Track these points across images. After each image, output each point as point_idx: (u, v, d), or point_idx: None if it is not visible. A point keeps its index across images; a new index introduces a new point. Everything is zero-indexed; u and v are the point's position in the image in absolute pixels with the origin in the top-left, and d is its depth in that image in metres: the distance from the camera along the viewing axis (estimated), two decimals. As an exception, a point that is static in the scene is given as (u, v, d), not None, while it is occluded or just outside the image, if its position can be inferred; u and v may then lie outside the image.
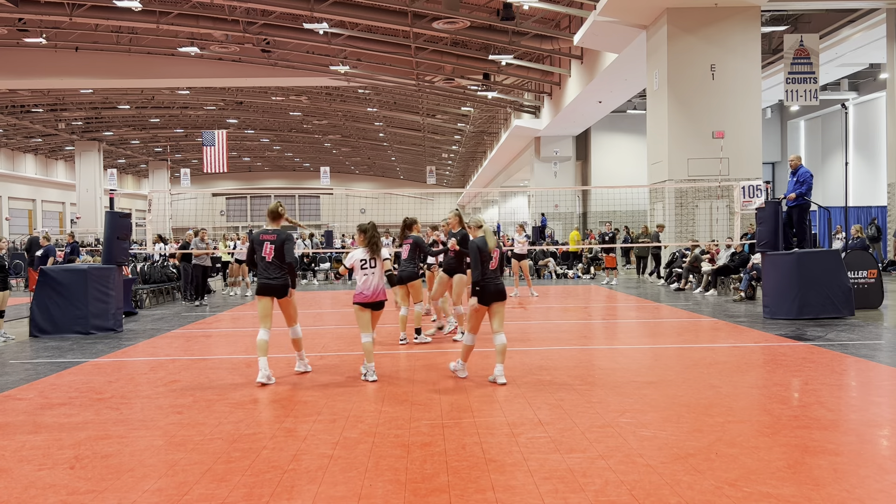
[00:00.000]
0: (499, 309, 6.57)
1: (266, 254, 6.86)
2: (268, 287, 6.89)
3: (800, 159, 12.17)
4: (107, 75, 28.53)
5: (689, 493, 3.79)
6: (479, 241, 6.55)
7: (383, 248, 7.12)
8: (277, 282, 6.88)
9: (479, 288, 6.46)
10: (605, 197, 32.69)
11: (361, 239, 6.91)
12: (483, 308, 6.52)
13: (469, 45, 25.30)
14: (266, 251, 6.87)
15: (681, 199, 17.81)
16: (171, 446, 4.81)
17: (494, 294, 6.49)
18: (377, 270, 6.83)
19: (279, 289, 6.91)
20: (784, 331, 9.53)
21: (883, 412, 5.38)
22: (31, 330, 10.38)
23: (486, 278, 6.47)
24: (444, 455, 4.50)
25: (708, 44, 17.22)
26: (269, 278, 6.87)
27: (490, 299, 6.48)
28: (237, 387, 6.67)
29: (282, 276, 6.89)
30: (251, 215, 68.46)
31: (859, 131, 28.19)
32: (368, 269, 6.80)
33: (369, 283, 6.78)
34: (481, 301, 6.46)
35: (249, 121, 45.63)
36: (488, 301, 6.48)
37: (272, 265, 6.88)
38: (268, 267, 6.88)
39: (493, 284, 6.50)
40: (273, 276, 6.87)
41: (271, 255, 6.86)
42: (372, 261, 6.83)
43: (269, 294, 6.91)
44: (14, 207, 48.81)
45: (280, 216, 7.12)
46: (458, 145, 48.53)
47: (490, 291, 6.47)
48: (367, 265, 6.81)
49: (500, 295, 6.53)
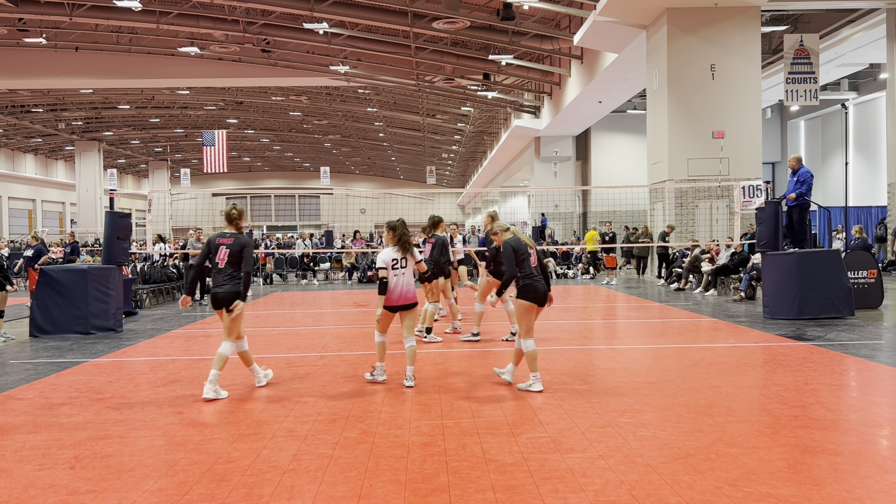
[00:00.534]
0: (540, 310, 6.29)
1: (220, 259, 6.27)
2: (216, 298, 6.29)
3: (800, 160, 12.17)
4: (107, 75, 28.53)
5: (689, 493, 3.79)
6: (513, 240, 6.27)
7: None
8: (224, 289, 6.24)
9: (525, 287, 6.16)
10: (605, 197, 32.68)
11: (390, 237, 6.53)
12: (534, 307, 6.20)
13: (469, 45, 25.30)
14: (220, 256, 6.28)
15: (681, 199, 17.81)
16: (171, 446, 4.81)
17: (543, 294, 6.20)
18: (407, 271, 6.50)
19: (228, 297, 6.24)
20: (784, 331, 9.53)
21: (883, 412, 5.38)
22: (31, 330, 10.38)
23: (531, 277, 6.17)
24: (444, 455, 4.50)
25: (708, 44, 17.23)
26: (218, 285, 6.27)
27: (542, 300, 6.19)
28: (237, 387, 6.66)
29: (231, 284, 6.24)
30: (251, 215, 68.44)
31: (859, 131, 28.19)
32: (399, 270, 6.44)
33: (399, 284, 6.43)
34: (534, 301, 6.16)
35: (249, 121, 45.63)
36: (541, 301, 6.20)
37: (223, 272, 6.27)
38: (219, 273, 6.28)
39: (542, 284, 6.22)
40: (221, 283, 6.25)
41: (225, 260, 6.27)
42: (403, 260, 6.47)
43: (220, 306, 6.31)
44: (14, 207, 48.82)
45: (233, 219, 6.48)
46: (458, 145, 48.53)
47: (539, 291, 6.18)
48: (399, 265, 6.45)
49: (546, 295, 6.25)
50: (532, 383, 6.22)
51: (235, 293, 6.23)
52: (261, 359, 8.23)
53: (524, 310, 6.18)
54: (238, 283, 6.25)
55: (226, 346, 6.30)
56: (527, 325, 6.21)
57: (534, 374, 6.23)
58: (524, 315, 6.20)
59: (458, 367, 7.48)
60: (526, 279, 6.18)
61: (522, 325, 6.22)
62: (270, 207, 69.53)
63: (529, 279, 6.17)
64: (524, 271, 6.18)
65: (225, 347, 6.29)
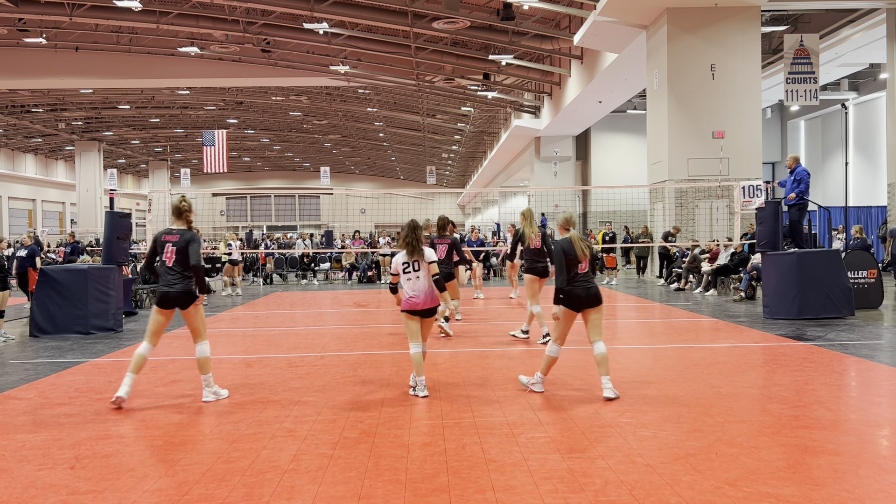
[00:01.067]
0: (593, 315, 5.99)
1: (167, 257, 5.98)
2: (166, 297, 5.98)
3: (797, 159, 12.17)
4: (107, 75, 28.52)
5: (689, 493, 3.79)
6: (565, 242, 5.97)
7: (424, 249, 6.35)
8: (176, 289, 5.95)
9: (565, 293, 5.93)
10: (605, 197, 32.68)
11: (400, 242, 6.34)
12: (572, 314, 5.99)
13: (469, 45, 25.30)
14: (167, 254, 5.99)
15: (681, 199, 17.80)
16: (171, 446, 4.81)
17: (586, 299, 5.93)
18: (422, 274, 6.18)
19: (180, 297, 5.98)
20: (784, 331, 9.53)
21: (883, 412, 5.38)
22: (31, 330, 10.39)
23: (574, 282, 5.92)
24: (444, 455, 4.50)
25: (708, 44, 17.22)
26: (169, 285, 5.97)
27: (581, 305, 5.95)
28: (237, 387, 6.66)
29: (183, 283, 5.99)
30: (251, 215, 68.48)
31: (859, 131, 28.18)
32: (412, 273, 6.19)
33: (417, 288, 6.15)
34: (570, 306, 5.94)
35: (249, 121, 45.63)
36: (579, 307, 5.95)
37: (172, 270, 5.97)
38: (168, 272, 5.98)
39: (584, 288, 5.93)
40: (173, 283, 5.97)
41: (172, 258, 5.97)
42: (416, 263, 6.18)
43: (169, 306, 6.03)
44: (14, 207, 48.81)
45: (182, 213, 6.15)
46: (458, 145, 48.52)
47: (579, 296, 5.92)
48: (410, 268, 6.19)
49: (593, 300, 5.95)
50: (535, 382, 6.19)
51: (189, 293, 6.00)
52: (261, 359, 8.24)
53: (561, 316, 6.01)
54: (190, 282, 6.01)
55: (203, 347, 6.15)
56: (563, 332, 6.06)
57: (540, 374, 6.19)
58: (563, 322, 6.03)
59: (458, 367, 7.48)
60: (567, 284, 5.95)
61: (556, 329, 6.08)
62: (270, 207, 69.54)
63: (570, 284, 5.94)
64: (570, 276, 5.96)
65: (203, 349, 6.14)
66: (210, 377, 6.19)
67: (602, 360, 5.94)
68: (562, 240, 6.06)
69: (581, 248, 5.94)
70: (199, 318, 6.12)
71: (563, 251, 5.93)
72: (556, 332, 6.07)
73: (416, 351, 6.17)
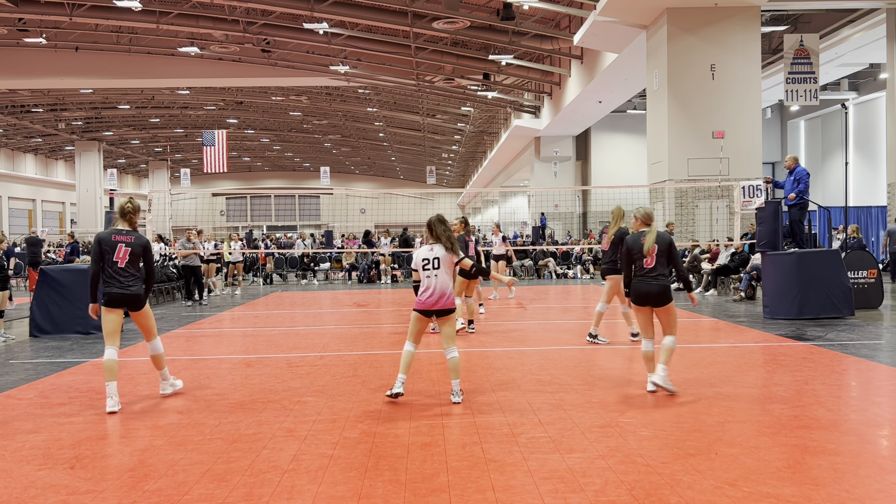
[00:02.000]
0: (659, 311, 5.99)
1: (119, 258, 5.88)
2: (123, 297, 5.90)
3: (796, 159, 12.18)
4: (107, 75, 28.53)
5: (689, 493, 3.79)
6: (632, 236, 6.09)
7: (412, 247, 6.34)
8: (133, 291, 5.93)
9: (629, 288, 6.04)
10: (605, 197, 32.69)
11: (428, 234, 6.08)
12: (644, 309, 6.00)
13: (469, 45, 25.30)
14: (119, 254, 5.88)
15: (681, 199, 17.80)
16: (171, 446, 4.81)
17: (651, 294, 5.91)
18: (441, 272, 5.91)
19: (135, 299, 5.96)
20: (784, 331, 9.53)
21: (883, 412, 5.38)
22: (31, 330, 10.39)
23: (639, 277, 5.97)
24: (444, 455, 4.50)
25: (708, 44, 17.23)
26: (124, 287, 5.89)
27: (646, 300, 5.95)
28: (237, 387, 6.66)
29: (138, 285, 5.98)
30: (251, 215, 68.48)
31: (859, 131, 28.19)
32: (431, 271, 5.91)
33: (430, 287, 5.90)
34: (635, 301, 6.01)
35: (249, 121, 45.63)
36: (644, 302, 5.96)
37: (126, 272, 5.91)
38: (120, 273, 5.89)
39: (648, 284, 5.93)
40: (128, 283, 5.91)
41: (125, 259, 5.89)
42: (436, 261, 5.91)
43: (121, 305, 5.94)
44: (14, 207, 48.82)
45: (127, 214, 6.04)
46: (458, 145, 48.53)
47: (643, 291, 5.94)
48: (430, 265, 5.92)
49: (659, 296, 5.91)
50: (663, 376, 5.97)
51: (143, 294, 6.04)
52: (261, 359, 8.24)
53: (634, 311, 6.11)
54: (142, 284, 6.06)
55: (155, 344, 6.22)
56: (642, 326, 6.09)
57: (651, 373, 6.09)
58: (637, 317, 6.12)
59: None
60: (634, 280, 6.03)
61: (638, 324, 6.14)
62: (270, 207, 69.54)
63: (635, 279, 6.01)
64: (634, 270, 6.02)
65: (155, 346, 6.21)
66: (166, 371, 6.35)
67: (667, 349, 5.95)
68: (629, 237, 6.13)
69: (649, 243, 5.92)
70: (150, 317, 6.20)
71: (628, 247, 6.05)
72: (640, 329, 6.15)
73: (408, 349, 5.96)
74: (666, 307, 5.97)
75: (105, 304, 5.92)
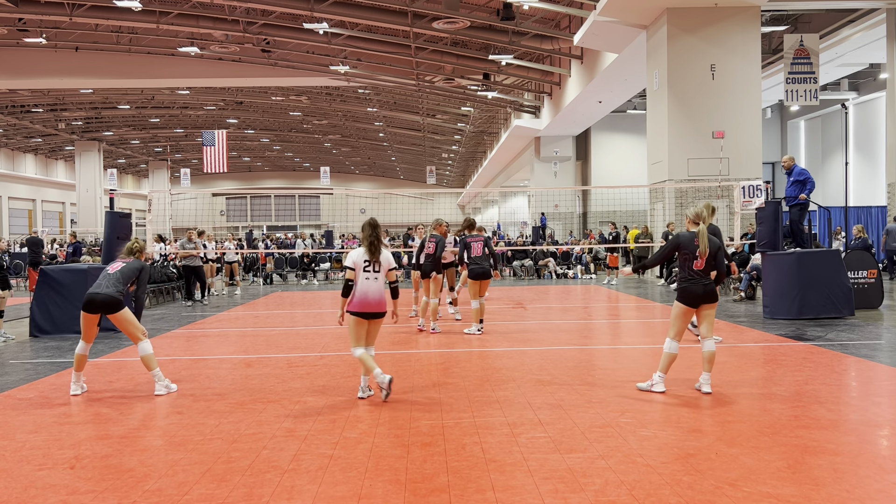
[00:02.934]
0: (708, 312, 6.03)
1: (112, 269, 6.50)
2: (103, 302, 6.29)
3: (793, 159, 12.20)
4: (107, 75, 28.52)
5: (689, 493, 3.79)
6: (684, 235, 6.08)
7: (385, 250, 6.20)
8: (114, 298, 6.28)
9: (682, 290, 6.00)
10: (605, 197, 32.70)
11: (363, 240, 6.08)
12: (689, 310, 6.02)
13: (469, 45, 25.30)
14: (113, 268, 6.51)
15: (681, 199, 17.81)
16: (171, 446, 4.81)
17: (702, 296, 5.96)
18: (381, 276, 6.03)
19: (112, 304, 6.28)
20: (784, 331, 9.53)
21: (883, 412, 5.38)
22: (31, 330, 10.39)
23: (689, 279, 5.98)
24: (444, 455, 4.50)
25: (708, 44, 17.23)
26: (99, 288, 6.33)
27: (697, 301, 5.98)
28: (237, 387, 6.66)
29: (118, 291, 6.30)
30: (251, 215, 68.48)
31: (859, 131, 28.19)
32: (371, 273, 5.98)
33: (372, 289, 5.95)
34: (686, 303, 5.99)
35: (249, 121, 45.63)
36: (696, 303, 5.99)
37: (113, 277, 6.39)
38: (105, 277, 6.41)
39: (701, 285, 5.96)
40: (116, 289, 6.32)
41: (118, 267, 6.51)
42: (376, 264, 6.01)
43: (97, 311, 6.30)
44: (14, 207, 48.80)
45: (134, 252, 6.69)
46: (458, 145, 48.52)
47: (695, 293, 5.96)
48: (371, 268, 6.00)
49: (708, 297, 5.97)
50: (655, 383, 6.11)
51: (120, 301, 6.35)
52: (261, 359, 8.24)
53: (679, 312, 6.06)
54: (122, 294, 6.42)
55: (144, 345, 6.39)
56: (677, 328, 6.06)
57: (662, 374, 6.13)
58: (678, 317, 6.06)
59: (458, 367, 7.48)
60: (683, 281, 6.02)
61: (674, 326, 6.07)
62: (270, 207, 69.53)
63: (686, 281, 6.00)
64: (684, 273, 6.03)
65: (144, 347, 6.39)
66: (158, 371, 6.44)
67: (709, 357, 6.02)
68: (682, 234, 6.10)
69: (704, 244, 5.94)
70: (132, 321, 6.40)
71: (678, 244, 6.05)
72: (672, 329, 6.09)
73: (361, 353, 5.99)
74: (714, 305, 6.04)
75: (84, 309, 6.34)
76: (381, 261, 6.05)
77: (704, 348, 6.05)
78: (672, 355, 6.06)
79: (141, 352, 6.38)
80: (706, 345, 6.05)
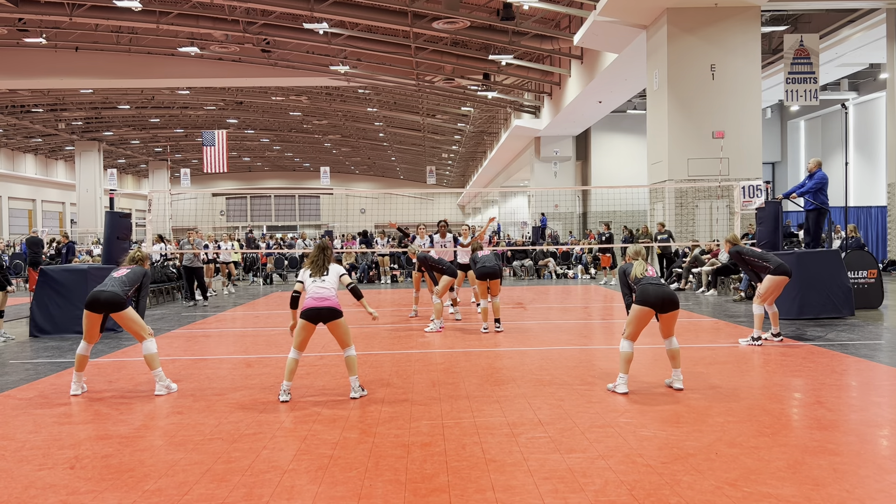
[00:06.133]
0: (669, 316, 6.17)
1: (116, 274, 6.62)
2: (103, 302, 6.35)
3: (819, 163, 12.23)
4: (107, 75, 28.52)
5: (689, 493, 3.79)
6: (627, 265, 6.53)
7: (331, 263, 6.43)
8: (119, 297, 6.36)
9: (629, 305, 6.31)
10: (605, 197, 32.68)
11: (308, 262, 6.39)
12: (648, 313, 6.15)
13: (469, 45, 25.30)
14: (119, 272, 6.64)
15: (681, 199, 17.81)
16: (171, 446, 4.81)
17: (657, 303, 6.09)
18: (329, 280, 6.26)
19: (116, 303, 6.33)
20: (784, 331, 9.52)
21: (883, 412, 5.38)
22: (31, 330, 10.38)
23: (641, 283, 6.19)
24: (444, 455, 4.50)
25: (708, 44, 17.23)
26: (104, 287, 6.42)
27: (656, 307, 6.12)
28: (237, 387, 6.66)
29: (122, 291, 6.40)
30: (251, 215, 68.47)
31: (859, 131, 28.19)
32: (318, 279, 6.25)
33: (320, 292, 6.15)
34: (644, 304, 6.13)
35: (249, 121, 45.62)
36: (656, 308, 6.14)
37: (118, 279, 6.51)
38: (110, 278, 6.55)
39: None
40: (119, 289, 6.41)
41: (124, 272, 6.63)
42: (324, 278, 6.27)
43: (101, 310, 6.35)
44: (14, 207, 48.79)
45: (136, 261, 6.87)
46: (458, 145, 48.52)
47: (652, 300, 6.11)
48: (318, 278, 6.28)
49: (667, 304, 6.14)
50: (619, 384, 6.15)
51: (123, 300, 6.44)
52: (261, 359, 8.24)
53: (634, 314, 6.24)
54: (125, 294, 6.55)
55: (148, 344, 6.41)
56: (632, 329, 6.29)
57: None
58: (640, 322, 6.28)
59: (457, 366, 7.48)
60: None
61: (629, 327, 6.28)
62: (270, 207, 69.53)
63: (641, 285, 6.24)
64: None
65: (148, 346, 6.41)
66: (160, 371, 6.45)
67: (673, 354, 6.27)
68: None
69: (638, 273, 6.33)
70: (136, 320, 6.45)
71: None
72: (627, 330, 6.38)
73: (293, 357, 6.10)
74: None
75: (86, 307, 6.39)
76: (328, 273, 6.30)
77: (668, 345, 6.27)
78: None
79: (145, 350, 6.39)
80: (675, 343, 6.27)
